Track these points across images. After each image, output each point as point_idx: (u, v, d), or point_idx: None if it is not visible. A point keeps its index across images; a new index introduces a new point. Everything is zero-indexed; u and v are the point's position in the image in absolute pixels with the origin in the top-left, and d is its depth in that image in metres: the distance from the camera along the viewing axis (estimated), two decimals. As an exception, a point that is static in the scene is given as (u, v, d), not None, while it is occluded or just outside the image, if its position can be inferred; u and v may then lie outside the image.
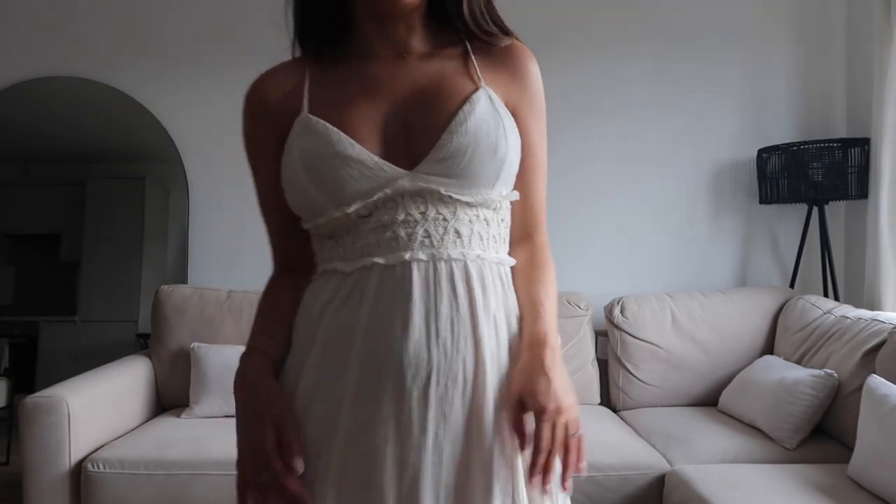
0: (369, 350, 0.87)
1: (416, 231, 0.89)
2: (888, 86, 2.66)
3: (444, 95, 0.92)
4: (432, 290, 0.88)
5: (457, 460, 0.87)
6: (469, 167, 0.90)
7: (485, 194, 0.92)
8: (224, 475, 2.20)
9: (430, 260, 0.89)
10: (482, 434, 0.88)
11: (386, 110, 0.93)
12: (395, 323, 0.87)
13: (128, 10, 3.23)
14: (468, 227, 0.91)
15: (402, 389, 0.86)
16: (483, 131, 0.90)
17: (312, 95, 0.95)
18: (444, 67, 0.96)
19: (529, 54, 1.03)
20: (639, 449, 2.33)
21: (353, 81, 0.95)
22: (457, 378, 0.87)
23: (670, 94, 3.18)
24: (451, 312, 0.88)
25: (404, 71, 0.95)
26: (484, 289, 0.91)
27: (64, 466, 2.22)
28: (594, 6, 3.19)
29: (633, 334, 2.83)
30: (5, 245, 3.47)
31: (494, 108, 0.93)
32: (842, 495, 1.85)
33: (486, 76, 0.96)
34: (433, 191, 0.89)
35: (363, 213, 0.90)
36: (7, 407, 3.22)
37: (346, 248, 0.92)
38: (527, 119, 0.99)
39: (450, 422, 0.87)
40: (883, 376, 2.02)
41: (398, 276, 0.88)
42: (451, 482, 0.87)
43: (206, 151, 3.24)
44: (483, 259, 0.92)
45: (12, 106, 3.25)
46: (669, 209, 3.19)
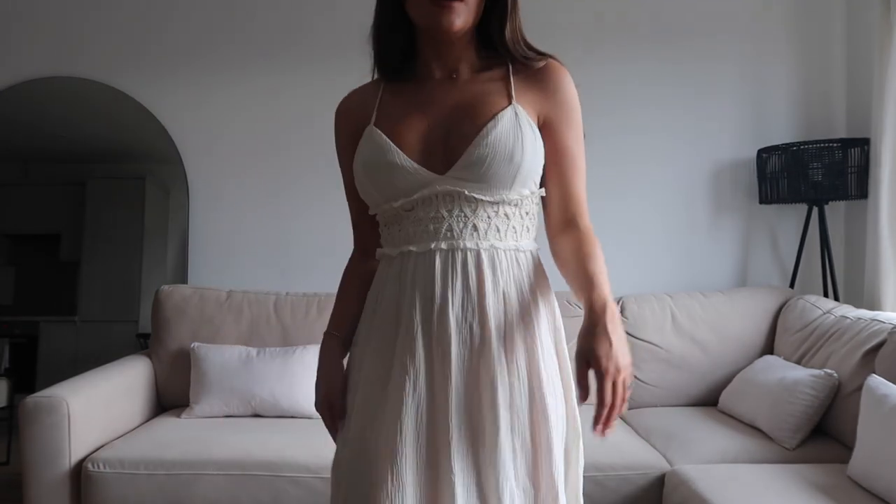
0: (406, 315, 1.14)
1: (442, 226, 1.14)
2: (888, 86, 2.66)
3: (478, 112, 1.14)
4: (449, 272, 1.13)
5: (462, 392, 1.11)
6: (488, 173, 1.12)
7: (503, 194, 1.14)
8: (224, 475, 2.20)
9: (450, 249, 1.14)
10: (478, 382, 1.11)
11: (432, 122, 1.16)
12: (425, 295, 1.13)
13: (128, 11, 3.23)
14: (486, 222, 1.14)
15: (431, 343, 1.12)
16: (501, 143, 1.11)
17: (380, 110, 1.21)
18: (485, 87, 1.18)
19: (563, 71, 1.21)
20: (639, 449, 2.33)
21: (413, 98, 1.20)
22: (466, 339, 1.12)
23: (670, 94, 3.18)
24: (463, 290, 1.13)
25: (452, 89, 1.19)
26: (493, 271, 1.14)
27: (64, 466, 2.22)
28: (594, 6, 3.19)
29: (633, 334, 2.83)
30: (5, 245, 3.47)
31: (518, 122, 1.14)
32: (842, 495, 1.85)
33: (521, 93, 1.17)
34: (459, 192, 1.13)
35: (407, 208, 1.16)
36: (7, 407, 3.22)
37: (394, 235, 1.19)
38: (560, 126, 1.20)
39: (455, 365, 1.11)
40: (883, 376, 2.02)
41: (427, 261, 1.14)
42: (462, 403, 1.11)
43: (206, 151, 3.24)
44: (496, 248, 1.15)
45: (12, 106, 3.25)
46: (669, 209, 3.19)
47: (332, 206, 3.19)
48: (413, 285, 1.14)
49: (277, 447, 2.28)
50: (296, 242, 3.23)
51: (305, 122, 3.18)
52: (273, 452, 2.25)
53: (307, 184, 3.21)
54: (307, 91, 3.17)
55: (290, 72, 3.20)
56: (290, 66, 3.20)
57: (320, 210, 3.20)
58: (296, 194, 3.23)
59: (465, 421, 1.10)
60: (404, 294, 1.15)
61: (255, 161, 3.23)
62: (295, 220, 3.23)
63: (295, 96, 3.19)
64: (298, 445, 2.28)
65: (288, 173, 3.21)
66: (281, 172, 3.21)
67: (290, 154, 3.22)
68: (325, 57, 3.18)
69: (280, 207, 3.23)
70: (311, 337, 2.78)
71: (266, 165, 3.23)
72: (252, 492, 2.19)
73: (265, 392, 2.59)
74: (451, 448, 1.08)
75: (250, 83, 3.21)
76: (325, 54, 3.18)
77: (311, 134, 3.19)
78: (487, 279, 1.13)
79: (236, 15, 3.22)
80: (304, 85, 3.18)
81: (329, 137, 1.31)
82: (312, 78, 3.16)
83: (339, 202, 1.30)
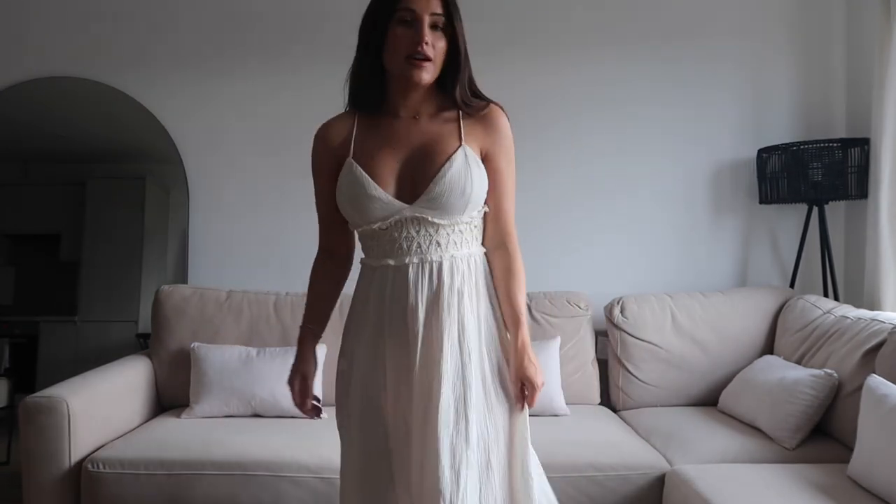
0: (388, 316, 1.47)
1: (412, 244, 1.46)
2: (888, 86, 2.66)
3: (436, 154, 1.46)
4: (419, 280, 1.46)
5: (426, 365, 1.44)
6: (446, 204, 1.44)
7: (457, 218, 1.47)
8: (224, 475, 2.20)
9: (420, 262, 1.46)
10: (432, 356, 1.44)
11: (401, 158, 1.48)
12: (401, 300, 1.46)
13: (128, 11, 3.23)
14: (446, 238, 1.47)
15: (406, 332, 1.45)
16: (456, 181, 1.44)
17: (357, 143, 1.51)
18: (441, 129, 1.50)
19: (502, 115, 1.53)
20: (639, 449, 2.33)
21: (383, 133, 1.50)
22: (431, 324, 1.44)
23: (670, 94, 3.18)
24: (429, 292, 1.45)
25: (416, 128, 1.50)
26: (451, 276, 1.46)
27: (64, 466, 2.22)
28: (594, 6, 3.19)
29: (633, 334, 2.83)
30: (5, 245, 3.47)
31: (467, 162, 1.46)
32: (842, 495, 1.85)
33: (469, 132, 1.50)
34: (424, 218, 1.45)
35: (383, 228, 1.46)
36: (7, 407, 3.22)
37: (373, 249, 1.50)
38: (498, 159, 1.52)
39: (425, 347, 1.45)
40: (883, 376, 2.02)
41: (402, 272, 1.47)
42: (425, 379, 1.44)
43: (206, 151, 3.24)
44: (455, 257, 1.48)
45: (12, 106, 3.25)
46: (669, 209, 3.19)
47: (332, 206, 3.21)
48: (392, 293, 1.47)
49: (277, 447, 2.28)
50: (296, 242, 3.22)
51: (305, 122, 3.16)
52: (273, 452, 2.25)
53: (307, 184, 3.14)
54: (307, 91, 3.17)
55: (289, 72, 3.20)
56: (290, 66, 3.20)
57: (320, 210, 3.20)
58: (296, 194, 3.22)
59: (422, 391, 1.43)
60: (383, 300, 1.47)
61: (255, 161, 3.23)
62: (295, 220, 3.22)
63: (295, 96, 3.19)
64: (298, 445, 2.28)
65: (288, 173, 3.21)
66: (281, 172, 3.21)
67: (290, 154, 3.21)
68: (324, 57, 3.17)
69: (280, 207, 3.23)
70: (311, 337, 2.78)
71: (266, 165, 3.23)
72: (252, 492, 2.19)
73: (265, 392, 2.59)
74: (413, 412, 1.44)
75: (250, 83, 3.21)
76: (324, 55, 3.18)
77: (311, 134, 3.18)
78: (445, 283, 1.45)
79: (236, 15, 3.22)
80: (304, 85, 3.18)
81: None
82: (312, 78, 3.16)
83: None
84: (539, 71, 3.18)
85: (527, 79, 3.15)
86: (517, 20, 3.19)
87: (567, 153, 3.18)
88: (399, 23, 1.43)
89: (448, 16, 1.45)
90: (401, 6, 1.43)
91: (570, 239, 3.18)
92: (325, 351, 2.75)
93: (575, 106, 3.18)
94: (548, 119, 3.18)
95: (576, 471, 2.21)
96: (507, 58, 3.09)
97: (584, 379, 2.85)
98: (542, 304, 2.86)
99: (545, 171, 3.15)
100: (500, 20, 3.16)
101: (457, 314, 1.45)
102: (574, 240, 3.18)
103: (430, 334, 1.43)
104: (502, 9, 3.18)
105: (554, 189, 3.17)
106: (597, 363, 2.92)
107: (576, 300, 2.91)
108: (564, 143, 3.18)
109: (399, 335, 1.45)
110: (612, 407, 2.88)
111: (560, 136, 3.19)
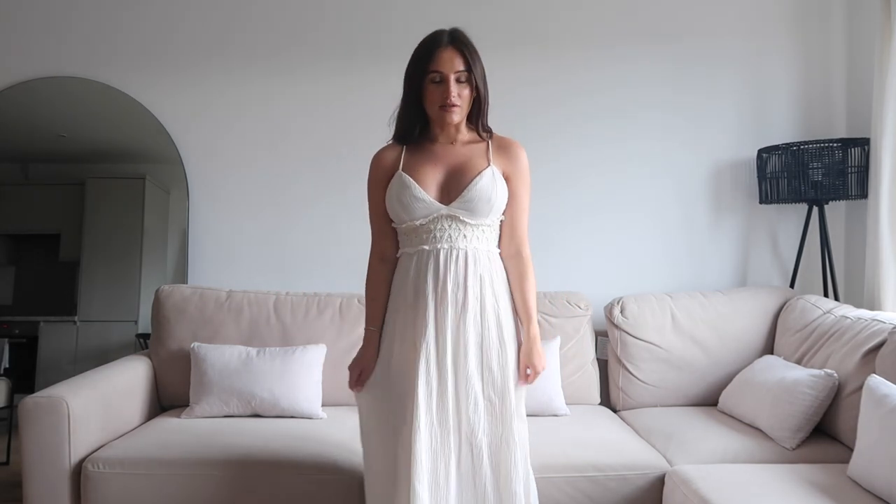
0: (418, 292, 1.82)
1: (444, 234, 1.82)
2: (888, 86, 2.66)
3: (469, 169, 1.84)
4: (449, 262, 1.81)
5: (455, 332, 1.80)
6: (476, 207, 1.82)
7: (483, 220, 1.84)
8: (224, 475, 2.20)
9: (449, 248, 1.82)
10: (465, 328, 1.80)
11: (440, 172, 1.86)
12: (435, 272, 1.81)
13: (128, 11, 3.23)
14: (472, 234, 1.84)
15: (434, 305, 1.80)
16: (484, 190, 1.82)
17: (405, 161, 1.88)
18: (473, 151, 1.89)
19: (521, 149, 1.90)
20: (639, 449, 2.33)
21: (426, 154, 1.88)
22: (456, 302, 1.79)
23: (670, 95, 3.18)
24: (456, 273, 1.80)
25: (452, 151, 1.88)
26: (475, 262, 1.82)
27: (64, 466, 2.22)
28: (594, 7, 3.19)
29: (633, 334, 2.83)
30: (5, 245, 3.47)
31: (494, 178, 1.84)
32: (842, 495, 1.85)
33: (495, 158, 1.88)
34: (456, 216, 1.82)
35: (423, 223, 1.83)
36: (7, 407, 3.22)
37: (412, 240, 1.86)
38: (516, 184, 1.89)
39: (450, 320, 1.80)
40: (883, 376, 2.02)
41: (435, 254, 1.82)
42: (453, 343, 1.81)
43: (206, 151, 3.24)
44: (477, 248, 1.84)
45: (12, 106, 3.25)
46: (669, 209, 3.19)
47: (331, 207, 3.21)
48: (426, 268, 1.81)
49: (277, 447, 2.27)
50: (296, 242, 3.23)
51: (305, 122, 3.18)
52: (273, 452, 2.25)
53: (307, 184, 3.21)
54: (307, 92, 3.17)
55: (289, 73, 3.19)
56: (290, 67, 3.20)
57: (320, 210, 3.20)
58: (296, 194, 3.23)
59: (451, 358, 1.78)
60: (420, 274, 1.82)
61: (255, 161, 3.23)
62: (295, 220, 3.23)
63: (295, 97, 3.19)
64: (298, 445, 2.28)
65: (288, 173, 3.21)
66: (281, 172, 3.22)
67: (290, 154, 3.22)
68: (324, 59, 3.18)
69: (280, 207, 3.23)
70: (311, 337, 2.79)
71: (266, 165, 3.23)
72: (252, 492, 2.19)
73: (265, 392, 2.59)
74: (448, 372, 1.78)
75: (251, 83, 3.21)
76: (324, 56, 3.18)
77: (311, 134, 3.19)
78: (470, 267, 1.81)
79: (237, 16, 3.22)
80: (304, 86, 3.18)
81: (330, 139, 1.36)
82: (312, 79, 3.16)
83: (338, 203, 1.35)
84: (539, 71, 3.18)
85: (527, 79, 3.15)
86: (515, 24, 3.19)
87: (566, 153, 3.18)
88: (431, 82, 1.80)
89: (469, 69, 1.80)
90: (431, 69, 1.79)
91: (570, 239, 3.18)
92: (325, 351, 2.75)
93: (576, 107, 3.19)
94: (547, 119, 3.18)
95: (576, 471, 2.21)
96: (507, 60, 3.09)
97: (584, 379, 2.85)
98: (543, 305, 2.86)
99: (545, 170, 3.14)
100: (502, 20, 3.16)
101: (479, 291, 1.80)
102: (574, 240, 3.18)
103: (457, 298, 1.78)
104: (502, 9, 3.18)
105: (554, 189, 3.16)
106: (597, 363, 2.92)
107: (576, 300, 2.91)
108: (564, 143, 3.18)
109: (434, 294, 1.79)
110: (612, 407, 2.88)
111: (559, 136, 3.19)
